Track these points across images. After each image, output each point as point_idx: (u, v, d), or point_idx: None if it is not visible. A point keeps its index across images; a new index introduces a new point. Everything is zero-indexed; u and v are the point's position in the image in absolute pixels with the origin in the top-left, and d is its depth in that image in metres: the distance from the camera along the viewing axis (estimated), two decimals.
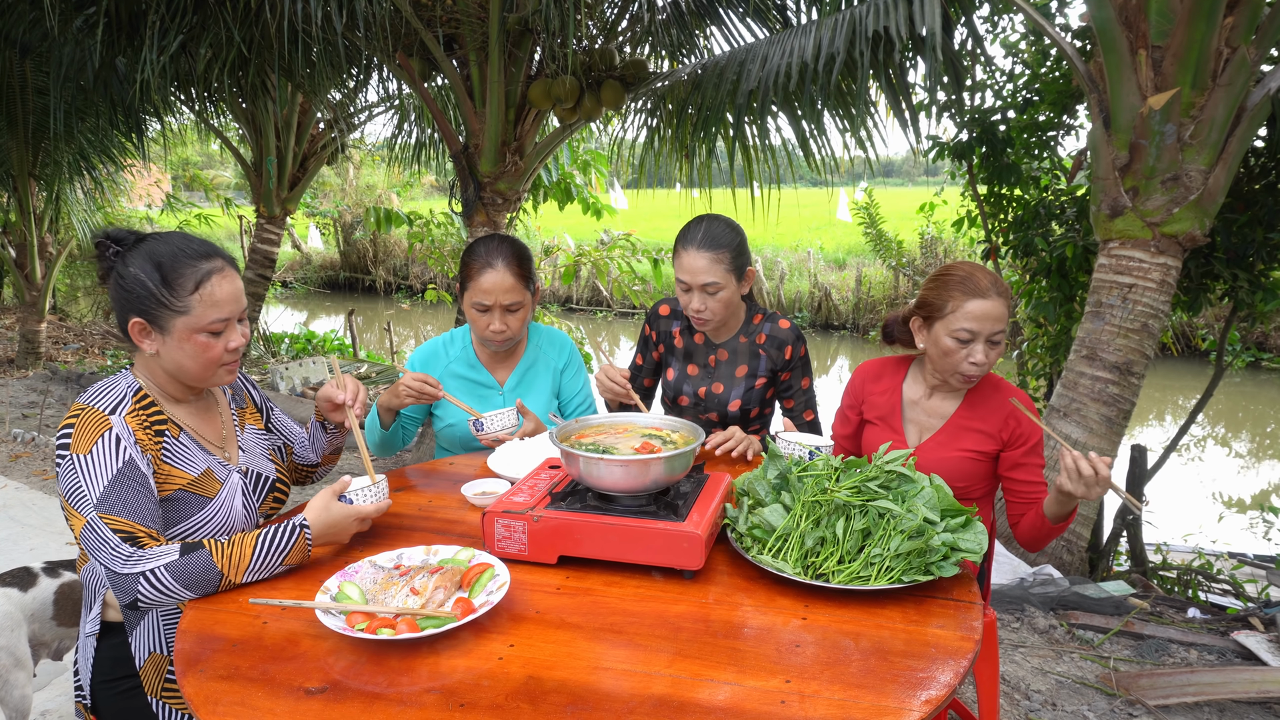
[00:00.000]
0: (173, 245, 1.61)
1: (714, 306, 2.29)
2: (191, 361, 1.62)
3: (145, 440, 1.59)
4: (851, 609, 1.42)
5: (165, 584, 1.45)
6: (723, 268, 2.25)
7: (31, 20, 5.52)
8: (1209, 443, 9.21)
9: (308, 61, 4.49)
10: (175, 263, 1.58)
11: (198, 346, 1.61)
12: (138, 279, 1.57)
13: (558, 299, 17.09)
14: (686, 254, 2.28)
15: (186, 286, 1.58)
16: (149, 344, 1.61)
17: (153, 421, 1.62)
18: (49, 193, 8.15)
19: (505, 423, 2.21)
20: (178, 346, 1.60)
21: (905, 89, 3.86)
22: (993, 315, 1.93)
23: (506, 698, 1.19)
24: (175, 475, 1.62)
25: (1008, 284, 2.24)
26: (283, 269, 19.19)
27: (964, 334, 1.94)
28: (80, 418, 1.54)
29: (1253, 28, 3.52)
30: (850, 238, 18.42)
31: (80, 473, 1.50)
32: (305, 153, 8.80)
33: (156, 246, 1.60)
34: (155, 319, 1.59)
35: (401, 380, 2.21)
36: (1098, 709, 2.83)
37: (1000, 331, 1.96)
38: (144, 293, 1.57)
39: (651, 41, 5.23)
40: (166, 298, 1.57)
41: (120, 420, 1.56)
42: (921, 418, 2.13)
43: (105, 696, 1.69)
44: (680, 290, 2.33)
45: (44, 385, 7.82)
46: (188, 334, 1.59)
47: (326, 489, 1.65)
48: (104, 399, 1.59)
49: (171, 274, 1.58)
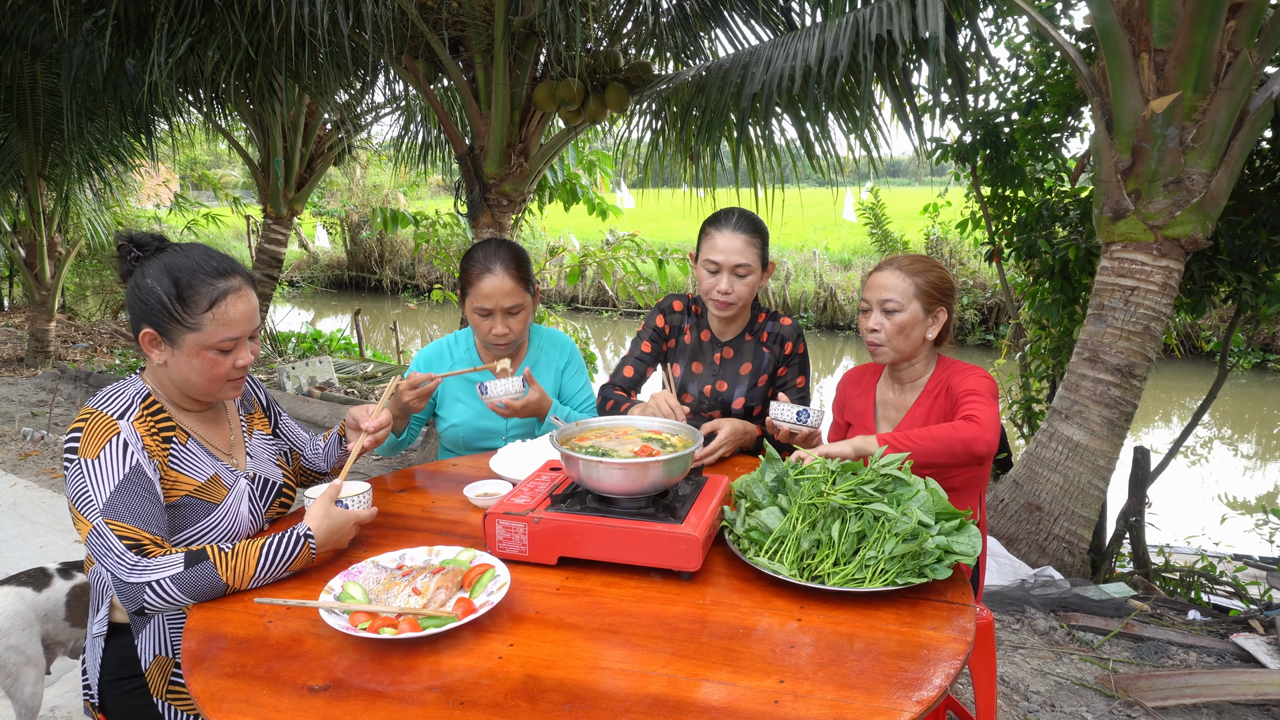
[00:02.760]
0: (192, 260, 1.61)
1: (740, 290, 2.32)
2: (198, 377, 1.63)
3: (153, 446, 1.60)
4: (846, 610, 1.44)
5: (170, 594, 1.47)
6: (755, 252, 2.31)
7: (41, 22, 5.56)
8: (1214, 444, 9.18)
9: (314, 63, 4.53)
10: (192, 279, 1.59)
11: (205, 363, 1.62)
12: (153, 291, 1.58)
13: (563, 299, 17.11)
14: (721, 235, 2.31)
15: (201, 304, 1.59)
16: (158, 354, 1.63)
17: (160, 428, 1.64)
18: (58, 193, 8.21)
19: (510, 388, 2.20)
20: (186, 361, 1.62)
21: (909, 91, 3.87)
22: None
23: (506, 696, 1.22)
24: (182, 481, 1.64)
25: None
26: (289, 268, 19.26)
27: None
28: (89, 422, 1.56)
29: (1255, 31, 3.52)
30: (855, 238, 18.39)
31: (87, 477, 1.51)
32: (312, 153, 8.84)
33: (176, 260, 1.61)
34: (166, 332, 1.60)
35: (401, 398, 2.15)
36: (1096, 710, 2.85)
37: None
38: (157, 305, 1.58)
39: (656, 44, 5.25)
40: (179, 313, 1.58)
41: (128, 425, 1.58)
42: (891, 414, 2.23)
43: (112, 695, 1.72)
44: (707, 273, 2.35)
45: (53, 384, 7.88)
46: (197, 350, 1.60)
47: (323, 496, 1.65)
48: (113, 404, 1.60)
49: (187, 290, 1.58)
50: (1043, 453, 4.03)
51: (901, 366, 2.20)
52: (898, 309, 2.09)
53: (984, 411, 1.93)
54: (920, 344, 2.13)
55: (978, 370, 2.09)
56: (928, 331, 2.12)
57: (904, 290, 2.08)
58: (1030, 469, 4.07)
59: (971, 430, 1.88)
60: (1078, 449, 3.91)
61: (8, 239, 8.60)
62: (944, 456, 1.86)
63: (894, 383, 2.25)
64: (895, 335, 2.10)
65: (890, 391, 2.25)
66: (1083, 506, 3.94)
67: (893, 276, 2.11)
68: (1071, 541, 3.97)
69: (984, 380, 2.05)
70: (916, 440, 1.85)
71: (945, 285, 2.12)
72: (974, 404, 1.98)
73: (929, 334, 2.12)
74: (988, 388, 2.02)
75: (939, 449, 1.86)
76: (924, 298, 2.09)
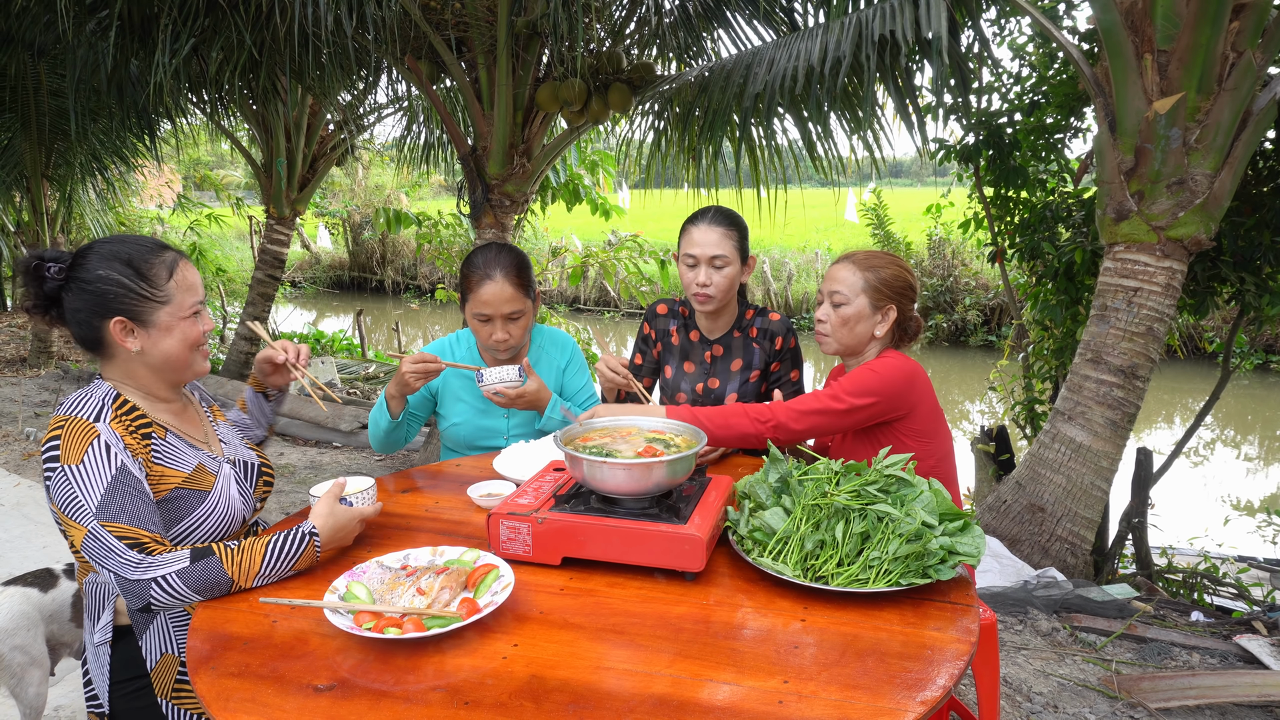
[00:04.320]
0: (129, 244, 1.65)
1: (719, 282, 2.35)
2: (179, 348, 1.66)
3: (134, 444, 1.60)
4: (850, 611, 1.44)
5: (177, 589, 1.47)
6: (731, 244, 2.35)
7: (46, 23, 5.57)
8: (1217, 445, 9.17)
9: (318, 64, 4.54)
10: (143, 257, 1.63)
11: (183, 330, 1.66)
12: (111, 279, 1.59)
13: (565, 299, 17.12)
14: (697, 229, 2.38)
15: (161, 276, 1.63)
16: (132, 342, 1.63)
17: (138, 425, 1.64)
18: (62, 193, 8.23)
19: (505, 375, 2.22)
20: (164, 336, 1.64)
21: (912, 92, 3.87)
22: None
23: (510, 696, 1.22)
24: (169, 475, 1.64)
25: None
26: (292, 269, 19.29)
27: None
28: (65, 429, 1.55)
29: (1259, 32, 3.52)
30: (858, 239, 18.37)
31: (75, 483, 1.50)
32: (315, 154, 8.84)
33: (114, 248, 1.63)
34: (137, 314, 1.62)
35: (401, 368, 2.24)
36: (1099, 711, 2.85)
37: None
38: (121, 290, 1.60)
39: (659, 45, 5.25)
40: (147, 290, 1.61)
41: (106, 427, 1.57)
42: None
43: (119, 698, 1.71)
44: (685, 267, 2.40)
45: (56, 384, 7.90)
46: (173, 321, 1.64)
47: (327, 494, 1.67)
48: (85, 408, 1.59)
49: (144, 266, 1.62)
50: (1045, 454, 4.03)
51: (850, 362, 2.22)
52: (844, 302, 2.11)
53: (795, 405, 2.01)
54: (866, 339, 2.14)
55: (875, 361, 2.08)
56: (875, 328, 2.13)
57: (852, 284, 2.10)
58: (1033, 470, 4.06)
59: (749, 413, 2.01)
60: (1080, 450, 3.91)
61: (11, 239, 8.63)
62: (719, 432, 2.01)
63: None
64: (839, 327, 2.13)
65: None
66: (1085, 507, 3.94)
67: (845, 270, 2.13)
68: (1074, 542, 3.97)
69: (859, 370, 2.05)
70: (702, 418, 1.99)
71: (898, 283, 2.12)
72: (805, 397, 2.05)
73: (877, 330, 2.13)
74: (853, 375, 2.04)
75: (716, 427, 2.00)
76: (872, 293, 2.10)
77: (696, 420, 1.98)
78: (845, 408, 2.00)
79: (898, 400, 2.04)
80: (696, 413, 2.01)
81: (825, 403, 2.01)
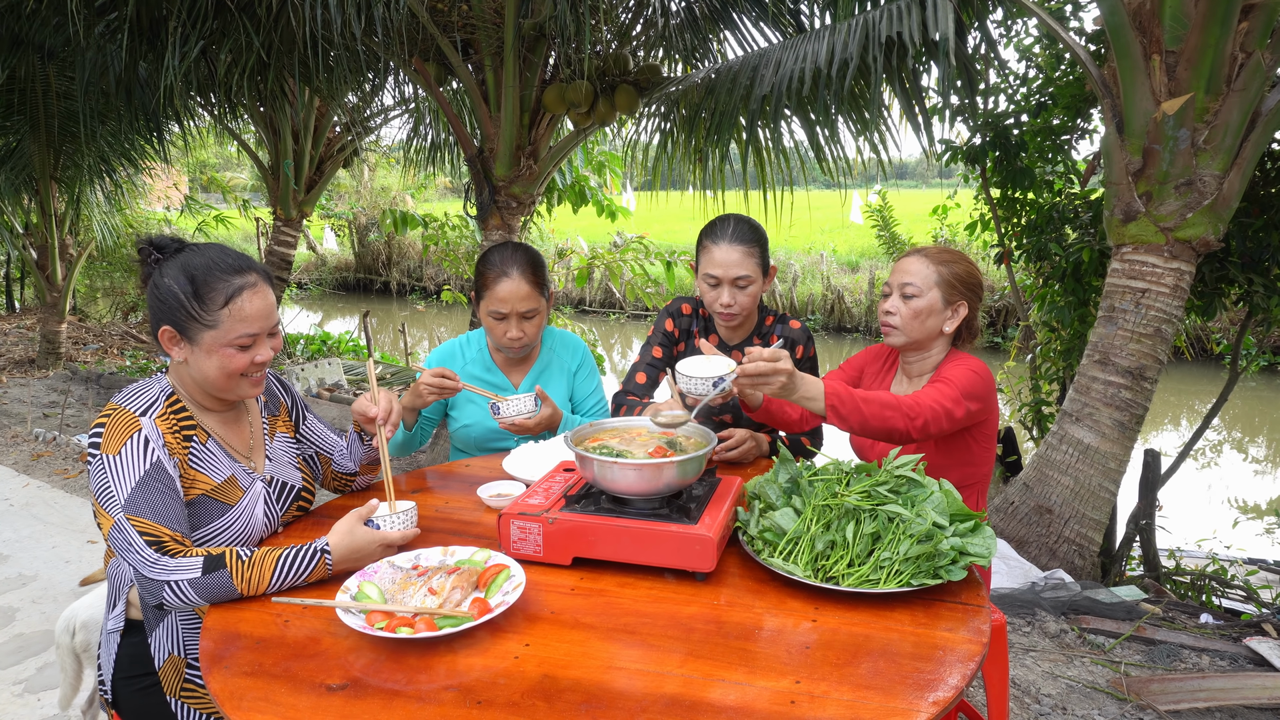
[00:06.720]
0: (208, 258, 1.63)
1: (743, 301, 2.32)
2: (216, 373, 1.64)
3: (173, 444, 1.62)
4: (861, 611, 1.45)
5: (187, 596, 1.49)
6: (754, 261, 2.30)
7: (55, 26, 5.61)
8: (1224, 447, 9.14)
9: (326, 66, 4.55)
10: (208, 276, 1.61)
11: (223, 359, 1.63)
12: (170, 289, 1.60)
13: (571, 301, 17.13)
14: (718, 248, 2.30)
15: (217, 301, 1.60)
16: (178, 352, 1.65)
17: (182, 426, 1.66)
18: (70, 195, 8.26)
19: (522, 408, 2.21)
20: (204, 358, 1.63)
21: (918, 93, 3.87)
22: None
23: (522, 695, 1.22)
24: (199, 480, 1.65)
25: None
26: (298, 270, 19.33)
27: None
28: (112, 418, 1.58)
29: (1268, 32, 3.51)
30: (863, 240, 18.36)
31: (109, 473, 1.53)
32: (321, 156, 8.87)
33: (192, 259, 1.63)
34: (184, 329, 1.62)
35: (420, 380, 2.24)
36: (1108, 713, 2.84)
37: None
38: (175, 303, 1.60)
39: (665, 46, 5.26)
40: (196, 310, 1.60)
41: (150, 422, 1.60)
42: None
43: (125, 693, 1.73)
44: (707, 286, 2.35)
45: (64, 385, 7.93)
46: (215, 347, 1.62)
47: (353, 512, 1.63)
48: (137, 400, 1.62)
49: (204, 287, 1.60)
50: (1053, 455, 4.02)
51: (912, 358, 2.16)
52: (916, 294, 2.06)
53: (928, 395, 1.90)
54: (935, 335, 2.10)
55: (968, 362, 2.05)
56: (945, 324, 2.08)
57: (926, 277, 2.06)
58: (1040, 471, 4.05)
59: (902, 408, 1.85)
60: (1088, 451, 3.90)
61: (19, 241, 8.65)
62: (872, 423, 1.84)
63: (904, 376, 2.22)
64: (910, 319, 2.07)
65: (902, 385, 2.22)
66: (1093, 509, 3.93)
67: (917, 263, 2.08)
68: (1082, 544, 3.96)
69: (963, 370, 2.00)
70: (860, 403, 1.82)
71: (970, 280, 2.09)
72: (930, 388, 1.95)
73: (946, 326, 2.09)
74: (962, 377, 1.97)
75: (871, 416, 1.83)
76: (945, 288, 2.06)
77: (854, 401, 1.82)
78: (963, 413, 1.95)
79: (992, 403, 2.04)
80: (855, 395, 1.84)
81: (948, 406, 1.92)
